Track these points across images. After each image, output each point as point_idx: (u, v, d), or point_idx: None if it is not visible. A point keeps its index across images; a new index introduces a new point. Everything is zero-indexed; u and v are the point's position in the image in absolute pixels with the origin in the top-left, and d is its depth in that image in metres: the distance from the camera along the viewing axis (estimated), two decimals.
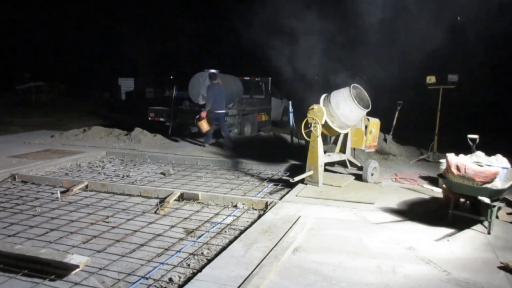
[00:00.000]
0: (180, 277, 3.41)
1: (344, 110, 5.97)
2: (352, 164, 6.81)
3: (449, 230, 4.31)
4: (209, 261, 3.60)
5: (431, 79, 8.08)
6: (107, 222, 4.75)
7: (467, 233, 4.29)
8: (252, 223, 4.56)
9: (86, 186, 6.10)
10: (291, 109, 8.81)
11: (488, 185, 4.13)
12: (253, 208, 5.31)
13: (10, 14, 30.36)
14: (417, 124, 11.30)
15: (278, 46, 7.75)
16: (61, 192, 5.89)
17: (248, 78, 14.16)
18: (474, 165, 4.25)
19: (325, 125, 6.09)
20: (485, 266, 3.52)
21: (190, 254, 3.88)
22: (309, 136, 6.07)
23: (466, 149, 5.38)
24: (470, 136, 5.81)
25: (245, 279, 3.14)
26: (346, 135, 6.64)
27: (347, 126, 6.28)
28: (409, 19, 7.31)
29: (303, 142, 8.23)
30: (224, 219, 4.91)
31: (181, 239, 4.28)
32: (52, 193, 5.89)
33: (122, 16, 32.39)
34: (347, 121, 6.10)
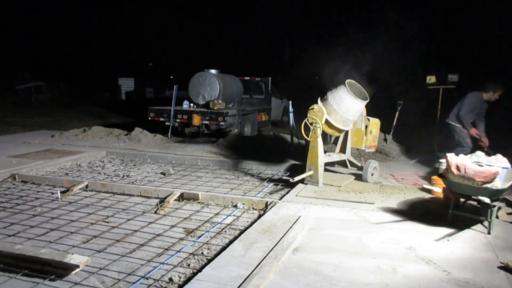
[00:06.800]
0: (180, 277, 3.41)
1: (346, 107, 5.97)
2: (352, 164, 6.81)
3: (449, 230, 4.32)
4: (209, 261, 3.60)
5: (431, 79, 8.07)
6: (107, 222, 4.75)
7: (467, 233, 4.29)
8: (252, 223, 4.56)
9: (86, 186, 6.10)
10: (291, 109, 8.80)
11: (488, 185, 4.14)
12: (253, 208, 5.31)
13: (10, 14, 30.37)
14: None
15: None
16: (61, 192, 5.89)
17: (248, 78, 14.18)
18: (474, 165, 4.25)
19: (328, 124, 6.09)
20: (485, 266, 3.52)
21: (190, 254, 3.88)
22: (309, 136, 6.07)
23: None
24: None
25: (245, 279, 3.15)
26: (346, 135, 6.64)
27: (351, 121, 6.28)
28: None
29: (303, 142, 8.23)
30: (224, 219, 4.91)
31: (181, 239, 4.28)
32: (52, 193, 5.89)
33: (122, 15, 32.41)
34: (351, 116, 6.11)
